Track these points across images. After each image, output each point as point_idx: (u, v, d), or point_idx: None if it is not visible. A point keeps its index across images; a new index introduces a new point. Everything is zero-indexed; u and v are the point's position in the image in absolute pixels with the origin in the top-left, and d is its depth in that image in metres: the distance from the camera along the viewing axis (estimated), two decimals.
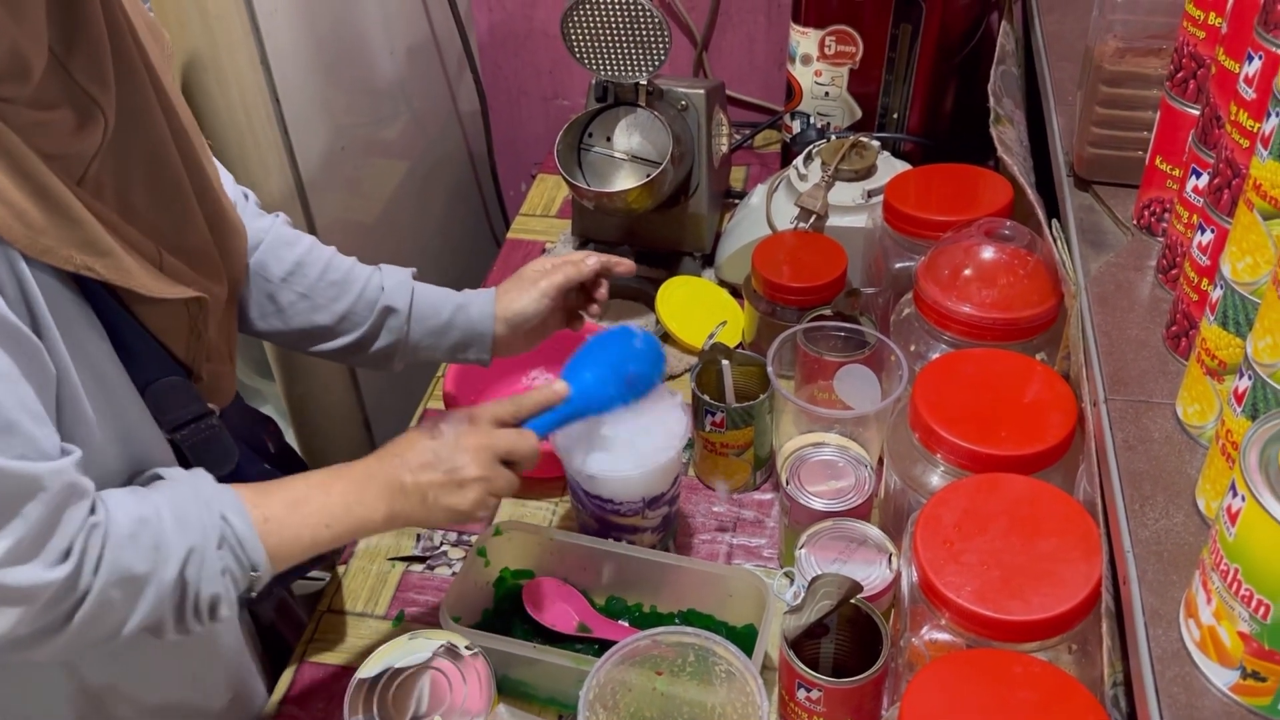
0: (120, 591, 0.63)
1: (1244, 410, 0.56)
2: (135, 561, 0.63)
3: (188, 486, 0.68)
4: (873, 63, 1.23)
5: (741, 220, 1.25)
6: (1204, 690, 0.53)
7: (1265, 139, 0.56)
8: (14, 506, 0.58)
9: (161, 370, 0.70)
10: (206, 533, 0.66)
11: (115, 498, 0.65)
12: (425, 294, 0.93)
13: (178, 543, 0.65)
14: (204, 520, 0.67)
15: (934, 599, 0.68)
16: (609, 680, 0.73)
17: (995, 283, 0.89)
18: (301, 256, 0.87)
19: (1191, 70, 0.75)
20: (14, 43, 0.56)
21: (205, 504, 0.67)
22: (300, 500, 0.72)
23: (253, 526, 0.68)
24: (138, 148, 0.67)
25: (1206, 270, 0.68)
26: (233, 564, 0.68)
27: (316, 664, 0.91)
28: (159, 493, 0.67)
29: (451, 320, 0.92)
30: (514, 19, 1.64)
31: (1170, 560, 0.60)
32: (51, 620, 0.61)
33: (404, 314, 0.90)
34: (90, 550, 0.62)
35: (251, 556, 0.68)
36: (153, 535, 0.64)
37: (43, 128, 0.59)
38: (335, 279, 0.88)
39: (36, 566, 0.59)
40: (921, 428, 0.80)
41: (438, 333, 0.92)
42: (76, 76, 0.62)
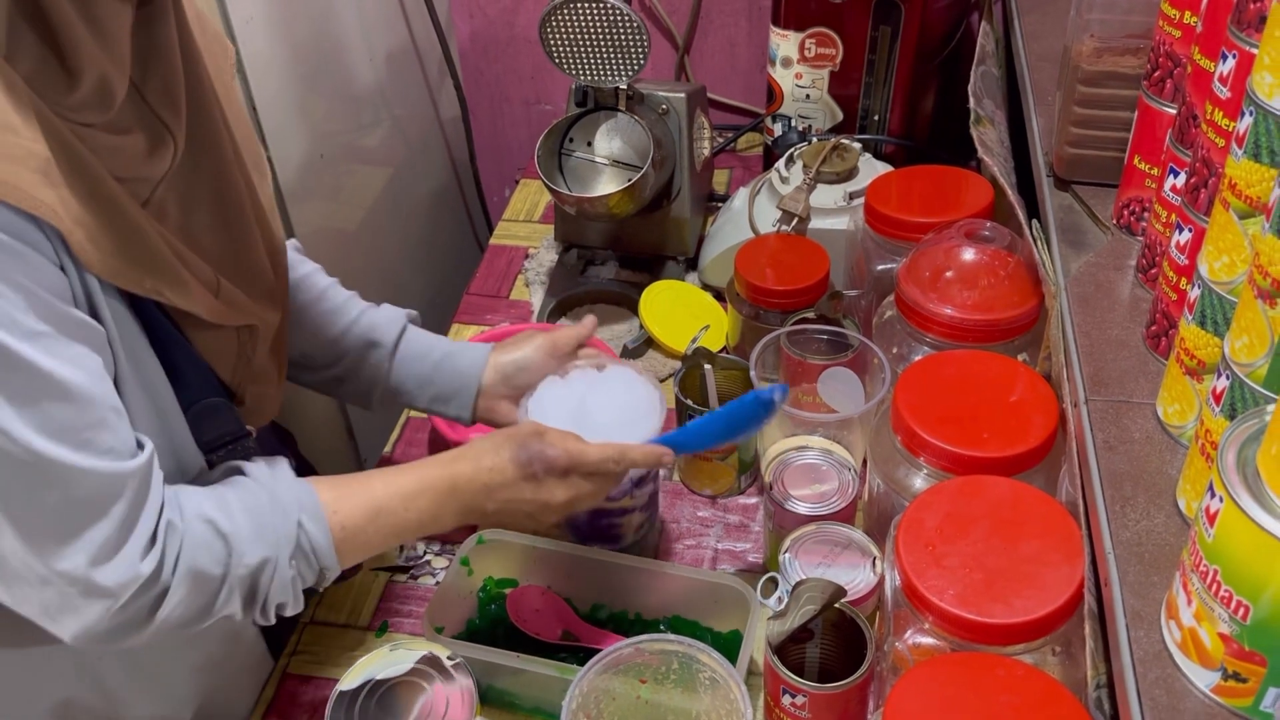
0: (193, 591, 0.65)
1: (1222, 410, 0.56)
2: (210, 564, 0.65)
3: (266, 491, 0.69)
4: (853, 65, 1.23)
5: (724, 224, 1.25)
6: (1185, 692, 0.53)
7: (1240, 138, 0.56)
8: (103, 506, 0.60)
9: (206, 391, 0.71)
10: (281, 544, 0.68)
11: (192, 498, 0.67)
12: (416, 336, 0.93)
13: (252, 551, 0.67)
14: (280, 530, 0.68)
15: (917, 603, 0.67)
16: (592, 689, 0.73)
17: (976, 284, 0.89)
18: (298, 281, 0.87)
19: (1168, 69, 0.75)
20: (103, 70, 0.57)
21: (284, 512, 0.68)
22: (380, 511, 0.73)
23: (330, 535, 0.70)
24: (204, 172, 0.68)
25: (1185, 269, 0.68)
26: (305, 570, 0.69)
27: (298, 676, 0.90)
28: (236, 494, 0.68)
29: (438, 365, 0.92)
30: (495, 25, 1.63)
31: (1151, 561, 0.59)
32: (134, 615, 0.63)
33: (388, 349, 0.90)
34: (170, 548, 0.64)
35: (324, 563, 0.70)
36: (226, 543, 0.66)
37: (116, 152, 0.60)
38: (328, 308, 0.88)
39: (123, 563, 0.61)
40: (904, 430, 0.80)
41: (423, 377, 0.92)
42: (150, 101, 0.63)
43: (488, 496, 0.76)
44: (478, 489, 0.76)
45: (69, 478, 0.58)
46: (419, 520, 0.75)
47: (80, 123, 0.58)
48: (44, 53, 0.55)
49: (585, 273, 1.29)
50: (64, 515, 0.59)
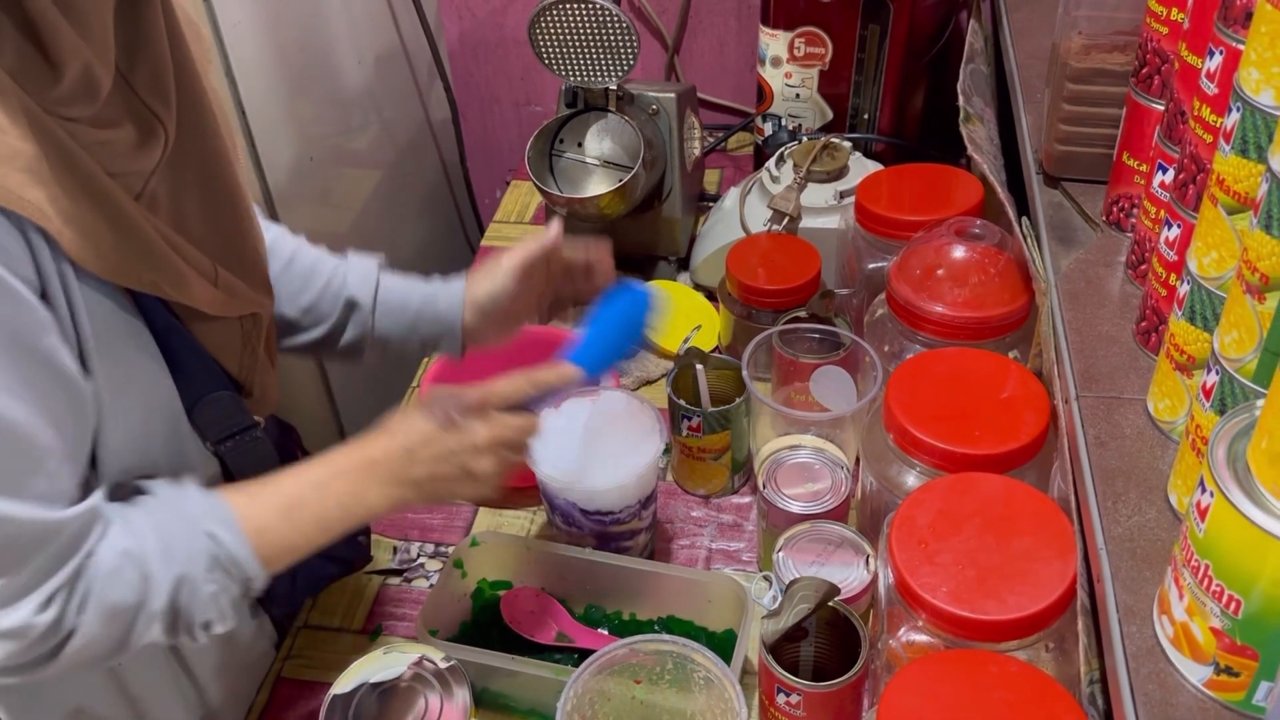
0: (107, 626, 0.62)
1: (1212, 405, 0.57)
2: (121, 596, 0.62)
3: (172, 508, 0.66)
4: (842, 64, 1.24)
5: (715, 223, 1.25)
6: (1178, 686, 0.53)
7: (1227, 134, 0.56)
8: (24, 553, 0.58)
9: (212, 385, 0.70)
10: (194, 558, 0.64)
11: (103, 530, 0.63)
12: (391, 286, 0.90)
13: (164, 573, 0.63)
14: (191, 545, 0.65)
15: (910, 600, 0.67)
16: (587, 690, 0.73)
17: (967, 282, 0.89)
18: (269, 246, 0.84)
19: (1155, 66, 0.76)
20: (86, 62, 0.56)
21: (192, 525, 0.65)
22: (295, 505, 0.69)
23: (245, 541, 0.66)
24: (194, 162, 0.67)
25: (1174, 265, 0.68)
26: (225, 583, 0.66)
27: (292, 681, 0.90)
28: (142, 516, 0.65)
29: (419, 313, 0.89)
30: (484, 26, 1.63)
31: (1143, 557, 0.60)
32: (38, 655, 0.61)
33: (368, 308, 0.88)
34: (76, 591, 0.61)
35: (245, 571, 0.66)
36: (138, 568, 0.63)
37: (106, 146, 0.59)
38: (300, 270, 0.86)
39: (26, 610, 0.58)
40: (896, 428, 0.80)
41: (406, 327, 0.89)
42: (139, 91, 0.62)
43: (410, 459, 0.71)
44: (396, 455, 0.71)
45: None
46: (340, 504, 0.70)
47: (68, 117, 0.57)
48: (24, 46, 0.54)
49: None
50: None
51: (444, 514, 1.04)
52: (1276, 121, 0.52)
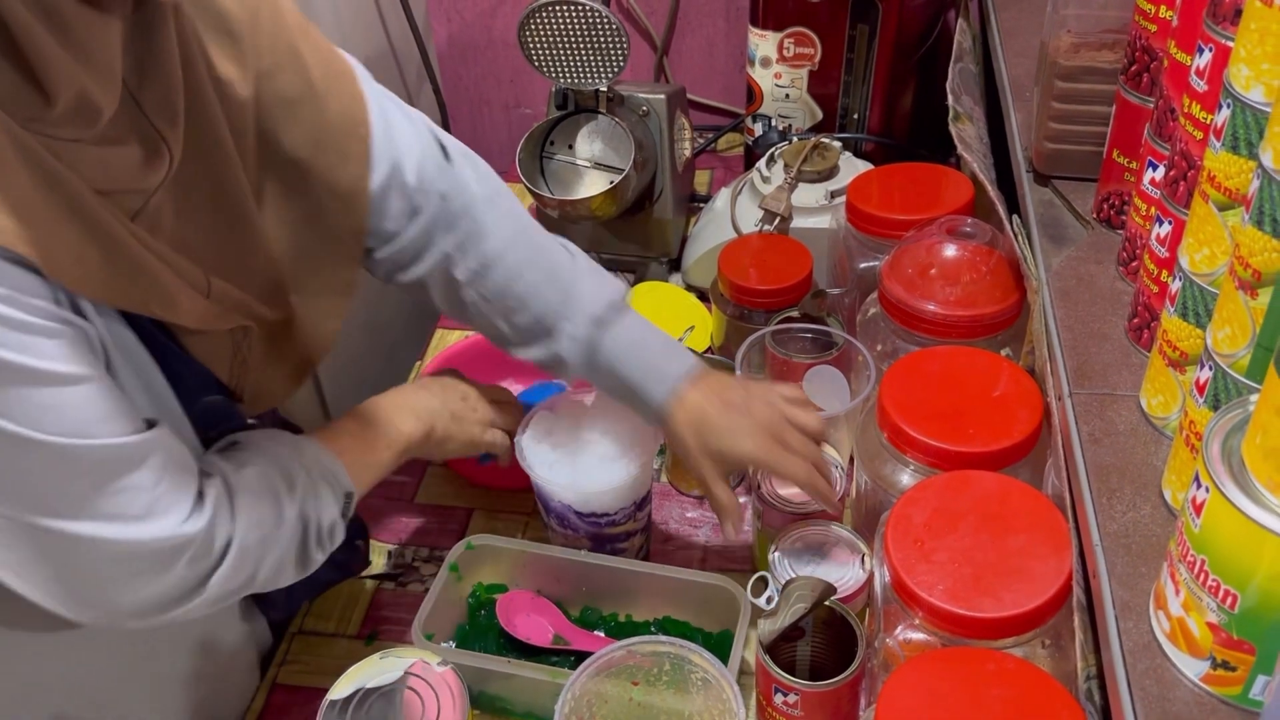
0: (255, 536, 0.67)
1: (1206, 401, 0.57)
2: (263, 509, 0.68)
3: (267, 438, 0.73)
4: (831, 64, 1.24)
5: (707, 224, 1.25)
6: (1175, 681, 0.54)
7: (1218, 130, 0.56)
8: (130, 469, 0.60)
9: (205, 391, 0.71)
10: (311, 472, 0.73)
11: (221, 460, 0.70)
12: (614, 348, 0.83)
13: (289, 489, 0.70)
14: (299, 461, 0.72)
15: (907, 598, 0.68)
16: (585, 692, 0.73)
17: (959, 280, 0.90)
18: (491, 257, 0.82)
19: (1145, 64, 0.76)
20: (82, 88, 0.55)
21: (294, 448, 0.73)
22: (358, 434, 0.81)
23: (338, 461, 0.76)
24: (204, 181, 0.67)
25: (1165, 262, 0.68)
26: (337, 492, 0.74)
27: (288, 687, 0.89)
28: (247, 451, 0.72)
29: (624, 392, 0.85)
30: (473, 28, 1.63)
31: (1139, 552, 0.60)
32: (206, 568, 0.65)
33: (572, 368, 0.85)
34: (221, 501, 0.66)
35: (345, 484, 0.75)
36: (269, 486, 0.69)
37: (104, 164, 0.59)
38: (520, 291, 0.83)
39: (171, 520, 0.62)
40: (890, 427, 0.80)
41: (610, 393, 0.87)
42: (147, 111, 0.61)
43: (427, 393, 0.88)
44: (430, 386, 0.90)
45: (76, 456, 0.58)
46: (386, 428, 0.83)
47: (61, 138, 0.56)
48: (13, 76, 0.53)
49: None
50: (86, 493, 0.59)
51: (438, 518, 1.04)
52: (1267, 118, 0.52)
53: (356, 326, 1.37)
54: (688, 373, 0.83)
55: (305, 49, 0.74)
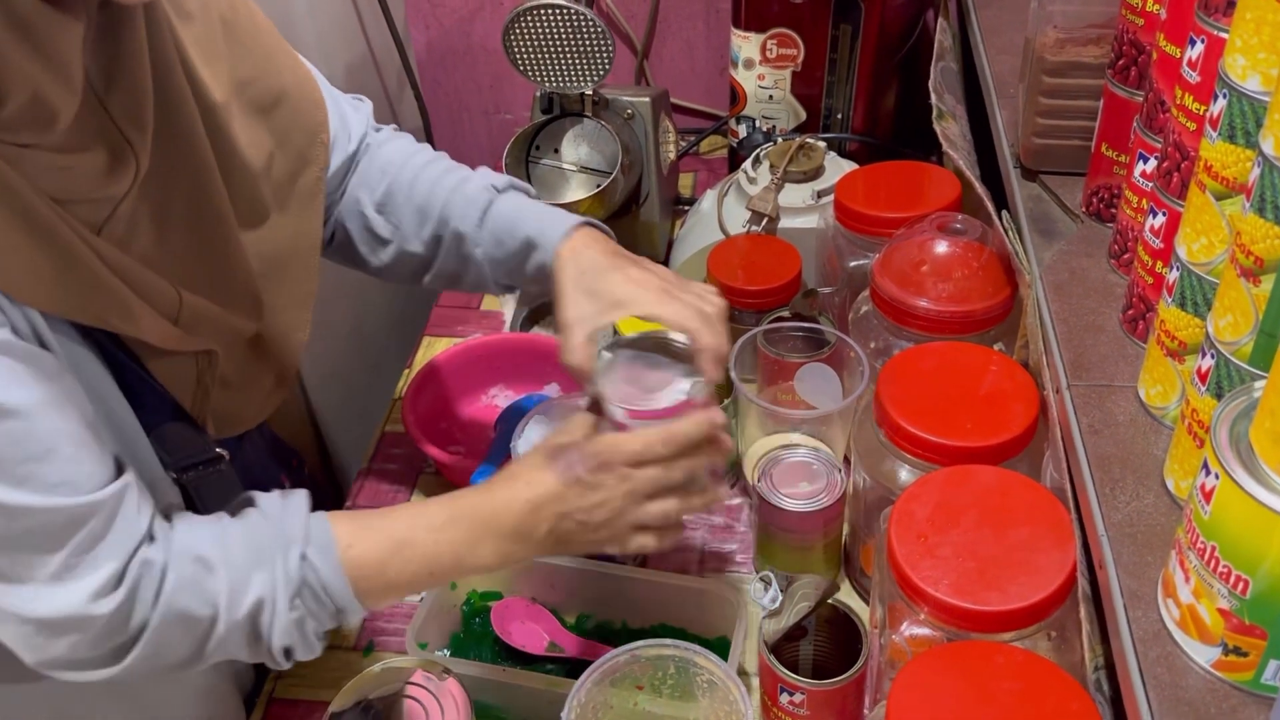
0: (181, 631, 0.61)
1: (1208, 389, 0.57)
2: (196, 605, 0.61)
3: (272, 524, 0.65)
4: (815, 64, 1.24)
5: (693, 226, 1.25)
6: (1186, 669, 0.54)
7: (1214, 120, 0.56)
8: (54, 539, 0.56)
9: (165, 414, 0.67)
10: (277, 582, 0.63)
11: (188, 530, 0.63)
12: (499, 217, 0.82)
13: (247, 590, 0.62)
14: (282, 566, 0.63)
15: (912, 594, 0.67)
16: (590, 700, 0.72)
17: (950, 276, 0.90)
18: (390, 184, 0.82)
19: (1132, 57, 0.76)
20: (37, 89, 0.53)
21: (288, 545, 0.64)
22: (405, 544, 0.67)
23: (341, 571, 0.64)
24: (180, 187, 0.65)
25: (1160, 253, 0.69)
26: (313, 609, 0.64)
27: (285, 701, 0.88)
28: (240, 526, 0.64)
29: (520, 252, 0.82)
30: (451, 35, 1.62)
31: (1144, 542, 0.60)
32: (107, 651, 0.60)
33: (473, 239, 0.83)
34: (145, 585, 0.60)
35: (338, 602, 0.65)
36: (219, 580, 0.62)
37: (64, 172, 0.57)
38: (419, 203, 0.83)
39: (78, 596, 0.57)
40: (888, 424, 0.80)
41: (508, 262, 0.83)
42: (114, 114, 0.59)
43: (534, 516, 0.69)
44: (520, 509, 0.69)
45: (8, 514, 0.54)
46: (454, 552, 0.68)
47: (12, 142, 0.54)
48: None
49: None
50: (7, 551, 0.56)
51: None
52: (1264, 106, 0.53)
53: (341, 337, 1.35)
54: (583, 223, 0.82)
55: (279, 54, 0.73)
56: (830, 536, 0.90)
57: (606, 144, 1.15)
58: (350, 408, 1.36)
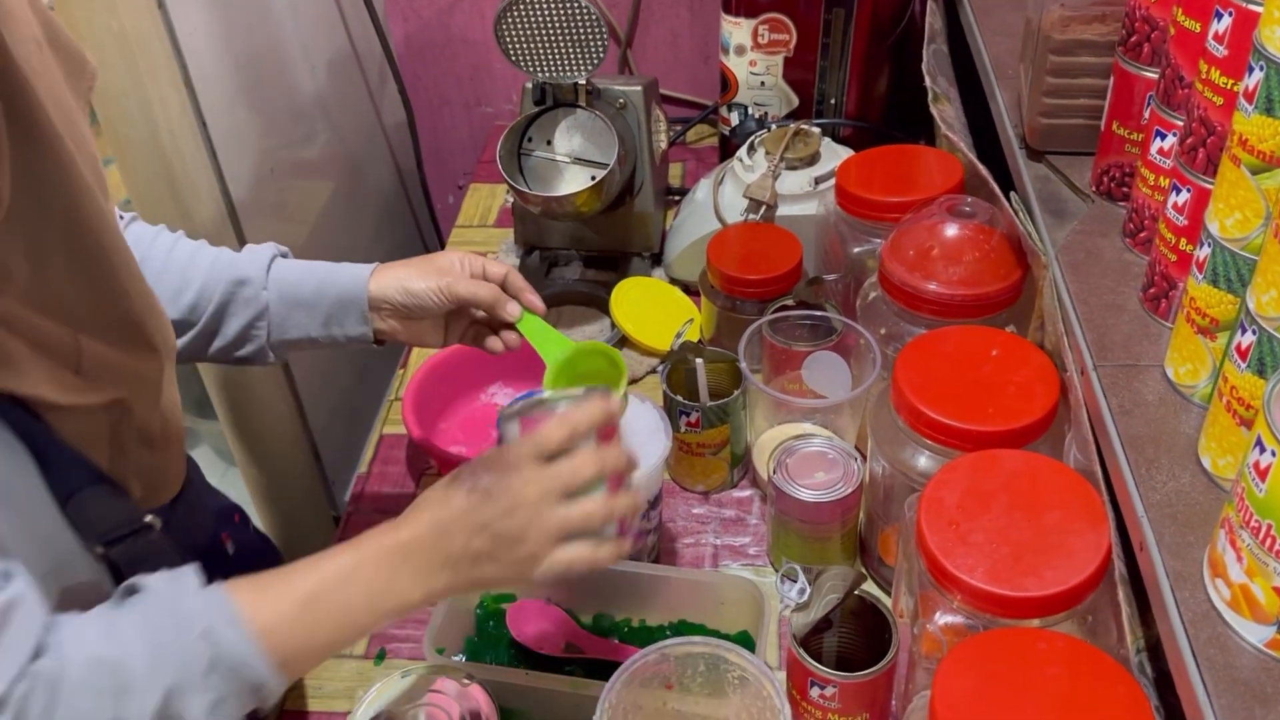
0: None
1: (1249, 366, 0.56)
2: (93, 709, 0.54)
3: (164, 606, 0.58)
4: (807, 49, 1.23)
5: (688, 216, 1.23)
6: (1239, 649, 0.53)
7: (1249, 94, 0.56)
8: None
9: (84, 478, 0.61)
10: (188, 664, 0.56)
11: (74, 633, 0.56)
12: (288, 263, 0.84)
13: (151, 685, 0.55)
14: (184, 649, 0.57)
15: (945, 582, 0.67)
16: (620, 701, 0.70)
17: (961, 259, 0.89)
18: (143, 254, 0.76)
19: (1145, 34, 0.76)
20: None
21: (187, 625, 0.57)
22: (313, 597, 0.61)
23: (250, 641, 0.58)
24: (54, 216, 0.58)
25: (1185, 230, 0.68)
26: (229, 688, 0.58)
27: (299, 713, 0.86)
28: (128, 618, 0.57)
29: (322, 282, 0.82)
30: (430, 27, 1.59)
31: (1185, 522, 0.59)
32: None
33: (259, 282, 0.81)
34: (33, 700, 0.53)
35: (254, 677, 0.58)
36: (117, 679, 0.55)
37: None
38: (178, 268, 0.79)
39: None
40: (907, 410, 0.79)
41: (308, 302, 0.82)
42: None
43: (442, 536, 0.64)
44: (426, 534, 0.64)
45: None
46: (367, 595, 0.62)
47: None
48: None
49: (549, 275, 1.26)
50: None
51: None
52: None
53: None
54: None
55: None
56: (848, 526, 0.89)
57: (601, 135, 1.13)
58: (343, 414, 1.34)
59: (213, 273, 0.81)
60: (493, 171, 1.50)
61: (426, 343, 0.88)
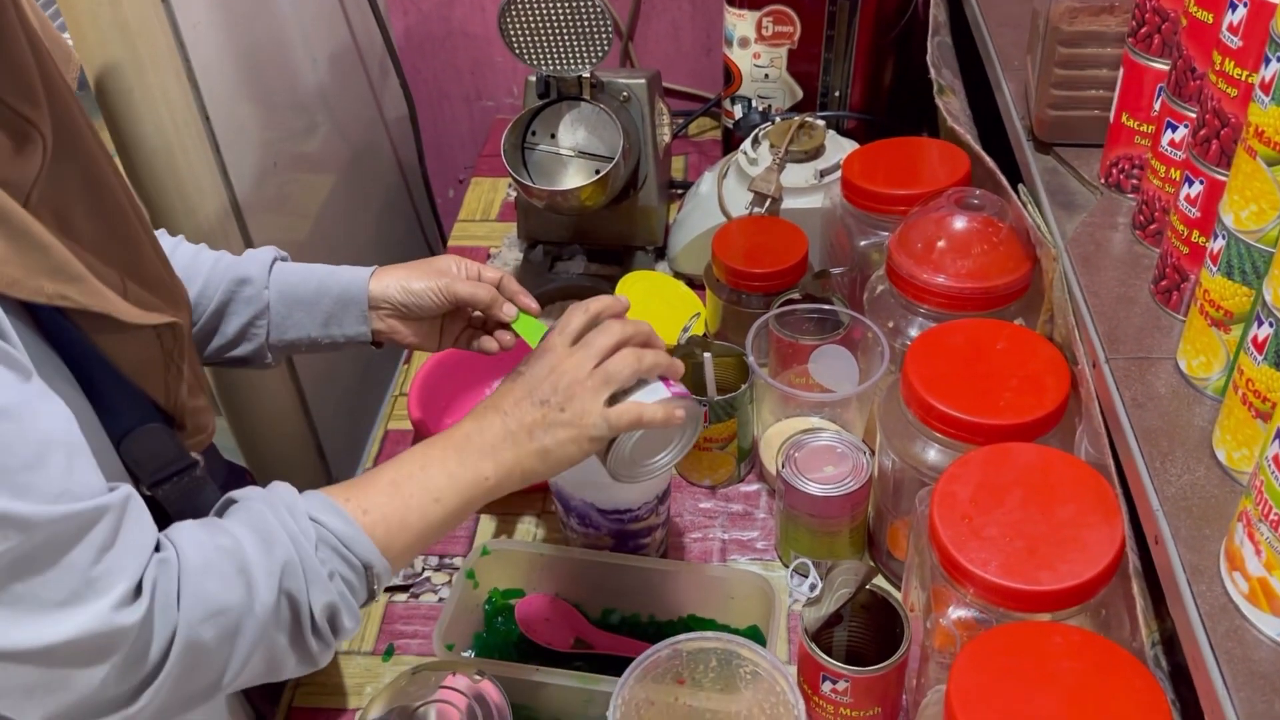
0: (213, 628, 0.57)
1: (1266, 358, 0.56)
2: (222, 591, 0.57)
3: (263, 503, 0.62)
4: (811, 41, 1.22)
5: (693, 210, 1.23)
6: (1257, 642, 0.53)
7: (1266, 85, 0.55)
8: (63, 553, 0.51)
9: (139, 417, 0.62)
10: (298, 541, 0.60)
11: (184, 532, 0.59)
12: (289, 265, 0.85)
13: (267, 561, 0.58)
14: (291, 529, 0.60)
15: (958, 576, 0.66)
16: (631, 698, 0.70)
17: (969, 252, 0.89)
18: None
19: (1155, 25, 0.75)
20: None
21: (290, 512, 0.61)
22: (398, 481, 0.66)
23: (353, 521, 0.62)
24: (74, 173, 0.60)
25: (1196, 222, 0.68)
26: (341, 566, 0.61)
27: (307, 710, 0.86)
28: (232, 517, 0.61)
29: (322, 283, 0.83)
30: (430, 20, 1.58)
31: (1200, 515, 0.59)
32: (143, 672, 0.55)
33: (261, 282, 0.82)
34: (164, 586, 0.55)
35: (360, 554, 0.62)
36: (235, 561, 0.58)
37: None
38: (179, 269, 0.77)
39: (100, 607, 0.52)
40: (917, 403, 0.79)
41: (308, 301, 0.83)
42: (5, 97, 0.55)
43: (499, 415, 0.69)
44: (484, 416, 0.69)
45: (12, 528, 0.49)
46: (445, 475, 0.67)
47: None
48: None
49: (553, 269, 1.26)
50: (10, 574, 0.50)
51: None
52: None
53: None
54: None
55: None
56: (857, 520, 0.89)
57: (605, 128, 1.13)
58: (348, 411, 1.34)
59: (214, 273, 0.82)
60: (494, 165, 1.50)
61: (422, 346, 0.88)
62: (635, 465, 0.74)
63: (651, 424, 0.70)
